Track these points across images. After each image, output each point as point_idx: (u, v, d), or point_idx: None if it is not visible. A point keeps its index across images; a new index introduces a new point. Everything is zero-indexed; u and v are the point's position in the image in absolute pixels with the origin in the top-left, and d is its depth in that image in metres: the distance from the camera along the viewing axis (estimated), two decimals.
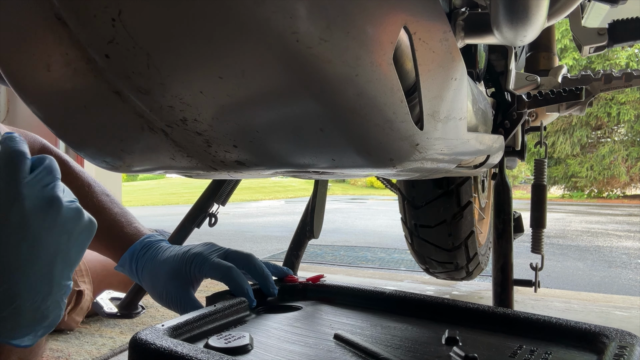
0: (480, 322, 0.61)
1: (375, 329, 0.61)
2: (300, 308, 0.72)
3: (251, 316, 0.67)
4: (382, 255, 3.06)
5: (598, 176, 13.32)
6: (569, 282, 2.39)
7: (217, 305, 0.63)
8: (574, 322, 0.56)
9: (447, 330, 0.56)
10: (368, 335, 0.57)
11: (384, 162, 0.38)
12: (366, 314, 0.68)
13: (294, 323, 0.64)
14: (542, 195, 0.96)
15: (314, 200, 1.17)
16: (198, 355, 0.46)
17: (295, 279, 0.80)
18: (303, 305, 0.73)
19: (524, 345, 0.54)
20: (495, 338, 0.57)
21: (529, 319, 0.59)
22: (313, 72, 0.29)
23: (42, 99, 0.39)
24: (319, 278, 0.80)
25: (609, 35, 0.99)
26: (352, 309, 0.71)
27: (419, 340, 0.56)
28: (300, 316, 0.68)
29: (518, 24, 0.47)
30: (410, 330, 0.60)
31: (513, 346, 0.54)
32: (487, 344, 0.55)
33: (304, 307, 0.72)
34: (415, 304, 0.68)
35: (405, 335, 0.58)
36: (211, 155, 0.38)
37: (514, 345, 0.54)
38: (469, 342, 0.55)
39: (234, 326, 0.62)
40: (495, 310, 0.62)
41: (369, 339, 0.56)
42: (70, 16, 0.29)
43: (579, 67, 12.62)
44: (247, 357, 0.51)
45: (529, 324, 0.58)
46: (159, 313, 1.36)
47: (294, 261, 1.39)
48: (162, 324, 0.55)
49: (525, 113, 0.88)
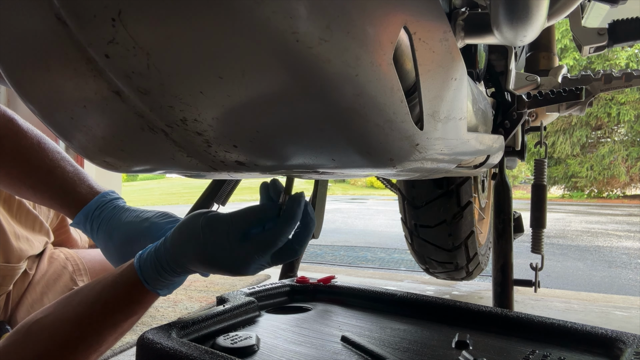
0: (493, 326, 0.60)
1: (384, 331, 0.60)
2: (309, 309, 0.71)
3: (261, 316, 0.67)
4: (382, 255, 3.06)
5: (598, 176, 13.32)
6: (569, 282, 2.39)
7: (226, 306, 0.63)
8: (590, 327, 0.54)
9: (457, 333, 0.56)
10: (376, 338, 0.57)
11: (384, 162, 0.38)
12: (376, 315, 0.68)
13: (302, 324, 0.64)
14: (542, 195, 0.96)
15: (314, 200, 1.18)
16: (203, 356, 0.46)
17: (306, 280, 0.80)
18: (313, 306, 0.73)
19: (536, 350, 0.53)
20: (507, 342, 0.56)
21: (543, 322, 0.57)
22: (313, 72, 0.29)
23: (42, 99, 0.39)
24: (330, 279, 0.80)
25: (609, 35, 0.99)
26: (362, 310, 0.71)
27: (428, 344, 0.55)
28: (309, 317, 0.68)
29: (518, 24, 0.47)
30: (419, 333, 0.60)
31: (525, 351, 0.53)
32: (499, 348, 0.54)
33: (314, 308, 0.72)
34: (426, 306, 0.67)
35: (414, 338, 0.57)
36: (211, 155, 0.38)
37: (527, 349, 0.53)
38: (480, 346, 0.54)
39: (242, 326, 0.62)
40: (508, 314, 0.61)
41: (376, 342, 0.56)
42: (70, 16, 0.29)
43: (579, 67, 12.62)
44: (253, 358, 0.51)
45: (542, 328, 0.57)
46: (158, 313, 1.36)
47: (294, 261, 1.39)
48: (169, 323, 0.55)
49: (525, 113, 0.88)
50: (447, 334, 0.59)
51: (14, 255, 0.89)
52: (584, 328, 0.55)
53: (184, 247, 0.51)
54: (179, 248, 0.51)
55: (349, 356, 0.52)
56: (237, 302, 0.65)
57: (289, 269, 1.38)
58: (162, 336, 0.52)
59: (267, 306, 0.72)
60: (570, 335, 0.55)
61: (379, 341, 0.56)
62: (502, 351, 0.53)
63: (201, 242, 0.50)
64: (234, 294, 0.69)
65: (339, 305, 0.74)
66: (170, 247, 0.52)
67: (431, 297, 0.69)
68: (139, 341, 0.53)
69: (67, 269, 1.04)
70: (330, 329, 0.61)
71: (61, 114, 0.39)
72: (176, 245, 0.51)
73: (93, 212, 0.67)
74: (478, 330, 0.60)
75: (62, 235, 1.14)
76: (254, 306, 0.67)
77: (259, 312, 0.68)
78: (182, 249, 0.51)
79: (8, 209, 0.91)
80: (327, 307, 0.73)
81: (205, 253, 0.50)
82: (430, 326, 0.63)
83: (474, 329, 0.61)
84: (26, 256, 0.93)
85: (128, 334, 1.21)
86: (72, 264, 1.05)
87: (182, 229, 0.52)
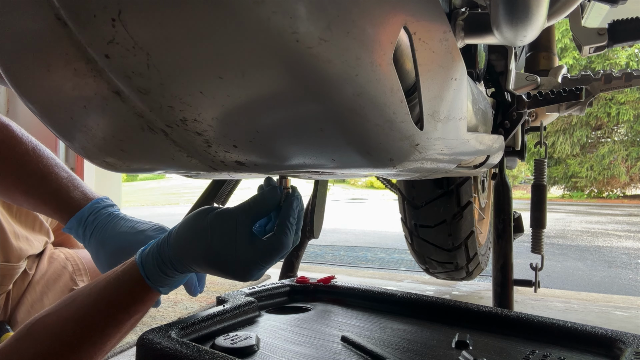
0: (493, 326, 0.60)
1: (385, 331, 0.60)
2: (310, 309, 0.71)
3: (260, 316, 0.67)
4: (382, 255, 3.06)
5: (598, 176, 13.32)
6: (569, 282, 2.39)
7: (226, 306, 0.63)
8: (590, 327, 0.54)
9: (457, 333, 0.56)
10: (376, 338, 0.57)
11: (384, 162, 0.38)
12: (376, 315, 0.68)
13: (302, 324, 0.63)
14: (542, 195, 0.96)
15: (314, 200, 1.18)
16: (203, 356, 0.46)
17: (306, 280, 0.80)
18: (313, 306, 0.73)
19: (536, 350, 0.53)
20: (507, 342, 0.56)
21: (542, 322, 0.57)
22: (313, 72, 0.29)
23: (42, 99, 0.39)
24: (330, 279, 0.80)
25: (609, 35, 0.99)
26: (362, 310, 0.70)
27: (428, 344, 0.55)
28: (308, 317, 0.67)
29: (518, 24, 0.47)
30: (419, 333, 0.59)
31: (525, 351, 0.53)
32: (498, 348, 0.54)
33: (314, 308, 0.72)
34: (426, 306, 0.67)
35: (414, 338, 0.57)
36: (211, 155, 0.38)
37: (526, 349, 0.53)
38: (480, 346, 0.54)
39: (242, 327, 0.62)
40: (508, 314, 0.60)
41: (376, 342, 0.55)
42: (70, 16, 0.29)
43: (579, 67, 12.62)
44: (252, 358, 0.51)
45: (542, 328, 0.57)
46: (158, 313, 1.36)
47: (294, 261, 1.39)
48: (169, 323, 0.55)
49: (525, 113, 0.88)
50: (447, 334, 0.59)
51: (13, 255, 0.89)
52: (584, 328, 0.55)
53: (190, 244, 0.50)
54: (184, 245, 0.50)
55: (349, 356, 0.52)
56: (237, 302, 0.65)
57: (289, 269, 1.38)
58: (162, 336, 0.52)
59: (267, 306, 0.72)
60: (570, 335, 0.55)
61: (379, 341, 0.56)
62: (502, 351, 0.53)
63: (208, 240, 0.49)
64: (234, 294, 0.69)
65: (339, 305, 0.74)
66: (174, 243, 0.51)
67: (431, 297, 0.69)
68: (139, 341, 0.53)
69: (67, 269, 1.04)
70: (330, 329, 0.61)
71: (61, 114, 0.39)
72: (181, 242, 0.51)
73: (87, 218, 0.67)
74: (478, 330, 0.60)
75: (62, 235, 1.14)
76: (254, 306, 0.67)
77: (259, 312, 0.67)
78: (188, 246, 0.50)
79: (8, 208, 0.91)
80: (327, 307, 0.73)
81: (211, 251, 0.49)
82: (430, 326, 0.63)
83: (474, 329, 0.61)
84: (26, 255, 0.93)
85: (129, 333, 1.21)
86: (72, 264, 1.05)
87: (188, 225, 0.51)
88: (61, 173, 0.70)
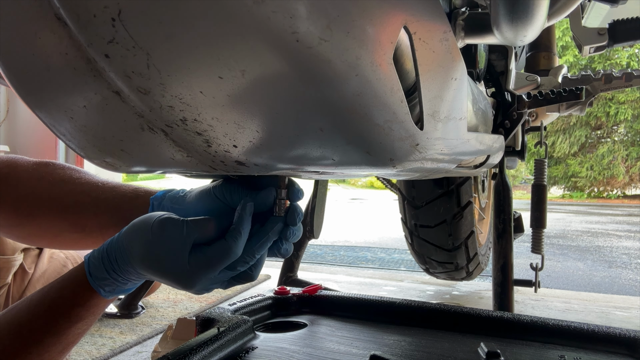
0: (511, 332, 0.59)
1: (406, 345, 0.57)
2: (305, 324, 0.67)
3: (256, 338, 0.60)
4: (382, 255, 3.06)
5: (598, 176, 13.32)
6: (569, 282, 2.39)
7: (221, 329, 0.56)
8: (619, 330, 0.54)
9: (481, 343, 0.54)
10: (404, 355, 0.53)
11: (384, 162, 0.38)
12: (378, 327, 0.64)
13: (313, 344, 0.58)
14: (542, 195, 0.96)
15: (314, 200, 1.17)
16: None
17: (287, 291, 0.74)
18: (306, 320, 0.68)
19: (564, 355, 0.52)
20: (533, 348, 0.55)
21: (563, 326, 0.57)
22: (313, 72, 0.29)
23: (42, 99, 0.39)
24: (316, 289, 0.76)
25: (609, 35, 0.99)
26: (359, 322, 0.67)
27: (458, 357, 0.52)
28: (313, 335, 0.62)
29: (518, 23, 0.47)
30: (440, 345, 0.56)
31: (553, 356, 0.52)
32: (529, 355, 0.52)
33: (309, 322, 0.67)
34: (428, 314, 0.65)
35: (440, 352, 0.54)
36: (211, 155, 0.38)
37: (555, 355, 0.52)
38: (508, 355, 0.52)
39: (242, 354, 0.56)
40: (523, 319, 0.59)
41: (408, 358, 0.52)
42: (70, 16, 0.29)
43: (580, 65, 12.62)
44: None
45: (566, 332, 0.56)
46: (158, 313, 1.36)
47: (294, 261, 1.39)
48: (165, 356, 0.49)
49: (525, 113, 0.88)
50: (467, 343, 0.57)
51: (7, 247, 0.90)
52: (613, 331, 0.54)
53: (132, 243, 0.47)
54: (127, 244, 0.47)
55: None
56: (229, 323, 0.58)
57: (289, 269, 1.38)
58: None
59: (256, 322, 0.66)
60: (598, 339, 0.54)
61: (409, 358, 0.52)
62: (533, 358, 0.52)
63: (149, 241, 0.46)
64: (220, 313, 0.63)
65: (330, 317, 0.69)
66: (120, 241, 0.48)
67: (430, 304, 0.67)
68: None
69: (67, 267, 1.04)
70: (348, 348, 0.56)
71: (61, 114, 0.39)
72: (126, 241, 0.48)
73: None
74: (495, 337, 0.58)
75: None
76: (248, 327, 0.60)
77: (254, 334, 0.61)
78: (130, 246, 0.47)
79: None
80: (320, 320, 0.68)
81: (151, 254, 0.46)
82: (443, 336, 0.60)
83: (490, 336, 0.59)
84: (20, 248, 0.93)
85: (129, 333, 1.21)
86: (72, 263, 1.05)
87: (135, 224, 0.48)
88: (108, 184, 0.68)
